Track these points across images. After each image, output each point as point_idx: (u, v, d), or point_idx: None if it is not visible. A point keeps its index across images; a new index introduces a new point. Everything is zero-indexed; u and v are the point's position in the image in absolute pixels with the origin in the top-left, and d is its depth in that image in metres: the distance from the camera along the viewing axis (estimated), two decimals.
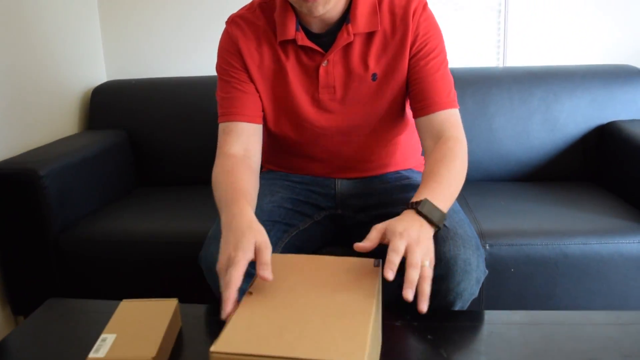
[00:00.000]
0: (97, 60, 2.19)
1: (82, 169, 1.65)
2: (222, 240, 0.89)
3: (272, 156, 1.32)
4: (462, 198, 1.63)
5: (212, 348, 0.67)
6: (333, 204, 1.26)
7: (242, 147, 1.12)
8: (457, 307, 1.03)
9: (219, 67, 1.18)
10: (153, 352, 0.81)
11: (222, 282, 0.83)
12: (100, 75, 2.20)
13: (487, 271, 1.05)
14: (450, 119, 1.11)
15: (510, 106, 1.82)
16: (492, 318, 0.97)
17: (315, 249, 1.28)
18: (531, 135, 1.81)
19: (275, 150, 1.29)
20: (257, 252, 0.84)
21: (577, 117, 1.81)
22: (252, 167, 1.11)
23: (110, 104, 2.01)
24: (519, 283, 1.36)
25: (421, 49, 1.12)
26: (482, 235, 1.37)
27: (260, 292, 0.79)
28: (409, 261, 0.82)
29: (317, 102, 1.16)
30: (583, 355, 0.85)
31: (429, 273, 0.83)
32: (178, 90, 1.99)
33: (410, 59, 1.13)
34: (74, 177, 1.60)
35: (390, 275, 0.79)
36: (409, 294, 0.78)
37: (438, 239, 1.01)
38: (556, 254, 1.33)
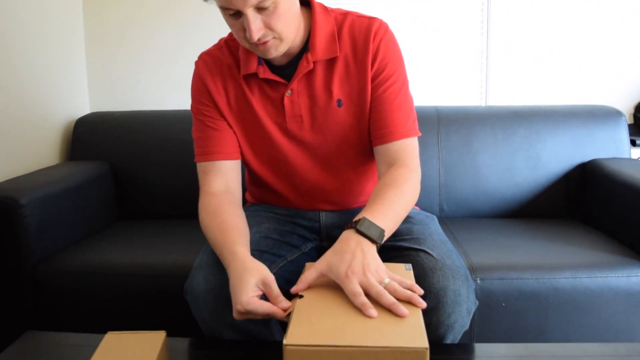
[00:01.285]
0: (81, 91, 2.17)
1: (63, 200, 1.61)
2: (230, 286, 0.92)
3: (254, 190, 1.31)
4: (449, 232, 1.63)
5: (285, 341, 0.69)
6: (318, 237, 1.25)
7: (223, 184, 1.14)
8: (448, 341, 1.01)
9: (192, 107, 1.20)
10: None
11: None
12: (83, 106, 2.18)
13: (477, 302, 1.04)
14: (406, 148, 1.11)
15: (494, 144, 1.85)
16: (487, 351, 0.96)
17: None
18: (515, 172, 1.83)
19: (256, 184, 1.28)
20: (263, 289, 0.87)
21: (559, 154, 1.84)
22: (236, 202, 1.13)
23: (93, 136, 1.98)
24: (510, 317, 1.35)
25: (380, 73, 1.12)
26: (473, 269, 1.36)
27: (310, 295, 0.83)
28: (372, 294, 0.81)
29: (287, 132, 1.16)
30: None
31: (395, 285, 0.83)
32: (161, 123, 1.98)
33: (371, 82, 1.12)
34: (55, 207, 1.56)
35: (374, 312, 0.78)
36: (402, 311, 0.77)
37: (426, 270, 1.00)
38: (547, 287, 1.32)
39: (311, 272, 0.87)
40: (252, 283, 0.86)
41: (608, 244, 1.52)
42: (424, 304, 0.79)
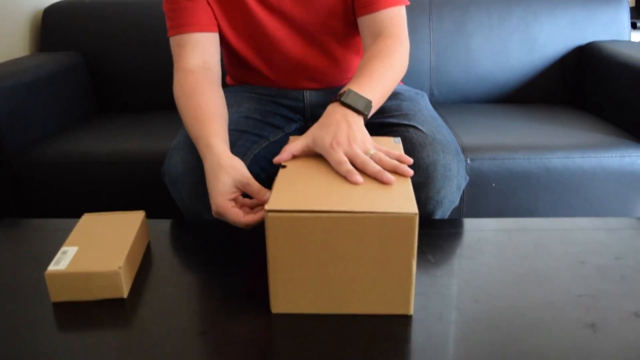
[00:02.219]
0: None
1: (35, 90, 1.53)
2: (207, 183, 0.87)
3: (234, 71, 1.23)
4: (441, 117, 1.58)
5: (267, 206, 0.64)
6: (303, 117, 1.19)
7: (200, 59, 1.03)
8: (437, 217, 0.99)
9: None
10: (119, 262, 0.75)
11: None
12: None
13: (467, 177, 1.00)
14: (393, 17, 1.02)
15: (488, 25, 1.75)
16: (477, 225, 0.93)
17: None
18: (510, 55, 1.76)
19: (236, 64, 1.19)
20: (243, 188, 0.82)
21: (556, 37, 1.76)
22: (214, 80, 1.03)
23: (63, 25, 1.86)
24: (500, 198, 1.33)
25: None
26: (464, 150, 1.33)
27: (295, 165, 0.78)
28: (357, 164, 0.76)
29: (266, 3, 1.06)
30: (574, 258, 0.82)
31: (381, 155, 0.77)
32: (135, 9, 1.85)
33: None
34: (26, 98, 1.48)
35: (359, 179, 0.72)
36: (388, 178, 0.72)
37: (415, 145, 0.96)
38: (538, 167, 1.29)
39: (296, 143, 0.82)
40: (228, 183, 0.81)
41: (603, 126, 1.48)
42: (410, 172, 0.75)
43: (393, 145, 0.86)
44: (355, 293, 0.67)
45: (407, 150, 0.95)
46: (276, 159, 0.80)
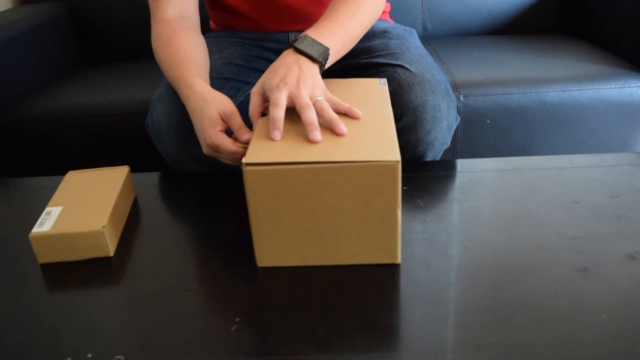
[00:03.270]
0: None
1: (19, 44, 1.47)
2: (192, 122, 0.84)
3: (216, 15, 1.17)
4: (432, 51, 1.53)
5: (245, 159, 0.62)
6: None
7: (177, 9, 0.98)
8: (428, 159, 0.96)
9: None
10: (103, 221, 0.73)
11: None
12: None
13: (459, 118, 0.97)
14: None
15: None
16: (469, 166, 0.91)
17: None
18: None
19: (217, 8, 1.13)
20: (225, 121, 0.79)
21: None
22: (193, 28, 0.98)
23: None
24: (495, 135, 1.30)
25: None
26: (456, 86, 1.29)
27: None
28: (297, 106, 0.72)
29: None
30: (569, 198, 0.80)
31: (324, 103, 0.72)
32: None
33: None
34: (10, 52, 1.44)
35: (277, 135, 0.68)
36: (315, 136, 0.67)
37: (403, 86, 0.92)
38: (534, 102, 1.26)
39: (251, 99, 0.78)
40: (215, 115, 0.78)
41: (601, 56, 1.43)
42: (344, 130, 0.69)
43: (378, 88, 0.82)
44: (341, 243, 0.66)
45: (395, 91, 0.92)
46: (244, 139, 0.77)
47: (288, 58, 0.79)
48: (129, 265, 0.72)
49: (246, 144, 0.76)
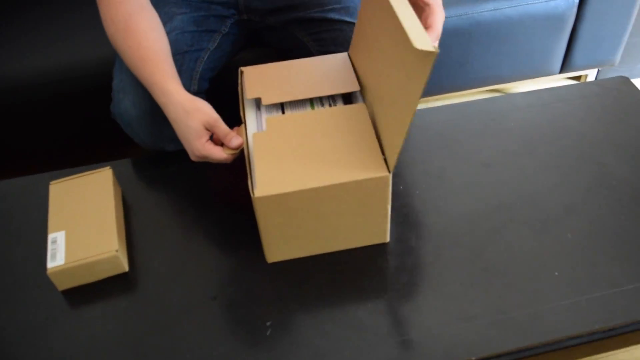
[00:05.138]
0: None
1: None
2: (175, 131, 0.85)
3: None
4: None
5: (256, 194, 0.69)
6: (236, 10, 1.13)
7: None
8: None
9: None
10: (114, 243, 0.78)
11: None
12: None
13: None
14: None
15: None
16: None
17: (230, 61, 1.18)
18: None
19: None
20: (210, 130, 0.81)
21: None
22: (145, 5, 0.92)
23: None
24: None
25: None
26: None
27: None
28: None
29: None
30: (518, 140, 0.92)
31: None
32: None
33: None
34: None
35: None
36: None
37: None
38: (470, 23, 1.32)
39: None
40: (199, 127, 0.80)
41: None
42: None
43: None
44: (339, 236, 0.78)
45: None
46: (232, 145, 0.81)
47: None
48: (145, 278, 0.79)
49: (236, 149, 0.80)
